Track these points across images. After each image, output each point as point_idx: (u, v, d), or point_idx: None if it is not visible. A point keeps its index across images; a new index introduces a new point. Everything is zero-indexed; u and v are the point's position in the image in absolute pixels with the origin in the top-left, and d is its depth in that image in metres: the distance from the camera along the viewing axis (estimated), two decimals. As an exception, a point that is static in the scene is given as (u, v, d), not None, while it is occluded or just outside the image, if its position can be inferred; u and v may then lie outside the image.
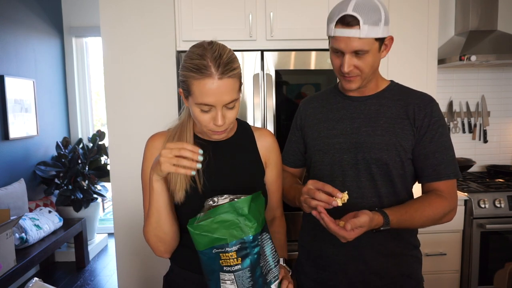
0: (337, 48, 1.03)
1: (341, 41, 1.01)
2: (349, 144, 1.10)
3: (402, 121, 1.07)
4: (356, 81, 1.06)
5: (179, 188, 0.98)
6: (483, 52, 2.29)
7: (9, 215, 2.38)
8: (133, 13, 2.03)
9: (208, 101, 0.89)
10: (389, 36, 1.06)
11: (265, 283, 0.89)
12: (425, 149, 1.06)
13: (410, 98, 1.10)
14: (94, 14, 3.81)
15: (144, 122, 2.05)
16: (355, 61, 1.02)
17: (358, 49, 1.00)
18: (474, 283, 2.14)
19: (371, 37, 0.99)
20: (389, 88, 1.14)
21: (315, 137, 1.17)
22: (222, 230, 0.83)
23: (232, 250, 0.83)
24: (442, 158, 1.06)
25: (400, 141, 1.06)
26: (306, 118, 1.22)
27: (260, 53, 1.99)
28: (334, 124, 1.14)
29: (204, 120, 0.94)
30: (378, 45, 1.03)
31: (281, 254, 1.11)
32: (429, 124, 1.06)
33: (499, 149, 2.74)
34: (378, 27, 0.99)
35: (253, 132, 1.13)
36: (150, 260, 2.11)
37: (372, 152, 1.07)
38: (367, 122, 1.10)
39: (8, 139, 3.00)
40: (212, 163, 1.03)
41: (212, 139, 1.02)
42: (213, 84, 0.88)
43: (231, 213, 0.84)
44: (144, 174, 1.03)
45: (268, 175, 1.13)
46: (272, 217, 1.19)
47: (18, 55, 3.17)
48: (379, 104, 1.11)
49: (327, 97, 1.21)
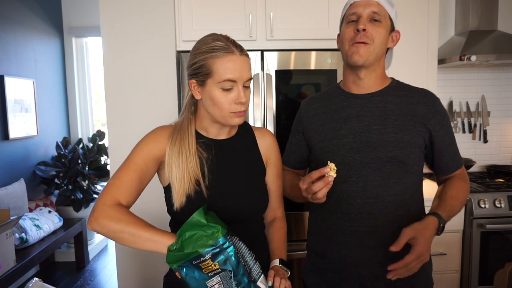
0: (355, 12, 1.06)
1: (360, 4, 1.06)
2: (360, 143, 1.08)
3: (412, 118, 1.08)
4: (364, 51, 1.05)
5: (182, 193, 0.97)
6: (483, 52, 2.29)
7: (9, 215, 2.38)
8: (133, 13, 2.03)
9: (233, 76, 0.94)
10: (397, 30, 1.11)
11: (250, 281, 0.90)
12: (444, 143, 1.11)
13: (415, 96, 1.11)
14: (94, 14, 3.81)
15: (144, 122, 2.05)
16: (369, 26, 1.05)
17: (375, 10, 1.05)
18: (474, 283, 2.13)
19: (386, 9, 1.06)
20: (392, 85, 1.14)
21: (321, 139, 1.14)
22: (191, 244, 0.86)
23: (207, 258, 0.86)
24: (455, 148, 1.15)
25: (413, 138, 1.07)
26: (308, 120, 1.19)
27: (260, 53, 1.99)
28: (341, 124, 1.11)
29: (226, 101, 0.96)
30: (390, 25, 1.08)
31: (279, 254, 1.10)
32: (440, 121, 1.10)
33: (499, 149, 2.74)
34: (392, 8, 1.08)
35: (253, 132, 1.13)
36: (150, 260, 2.11)
37: (387, 150, 1.06)
38: (376, 120, 1.08)
39: (8, 139, 3.00)
40: (215, 161, 1.03)
41: (233, 124, 1.01)
42: (236, 60, 0.95)
43: (193, 229, 0.87)
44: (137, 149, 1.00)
45: (268, 175, 1.13)
46: (273, 217, 1.18)
47: (18, 55, 3.17)
48: (385, 101, 1.10)
49: (329, 97, 1.19)
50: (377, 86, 1.12)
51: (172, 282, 1.09)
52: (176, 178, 0.97)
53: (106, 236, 0.91)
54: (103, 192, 0.93)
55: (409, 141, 1.06)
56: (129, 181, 0.94)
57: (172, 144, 1.00)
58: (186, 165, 0.98)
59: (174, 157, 0.98)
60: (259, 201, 1.08)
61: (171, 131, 1.03)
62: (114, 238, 0.91)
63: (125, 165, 0.97)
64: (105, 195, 0.92)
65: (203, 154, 1.02)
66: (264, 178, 1.12)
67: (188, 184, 0.98)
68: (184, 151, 0.99)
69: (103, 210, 0.90)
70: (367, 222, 1.06)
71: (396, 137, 1.06)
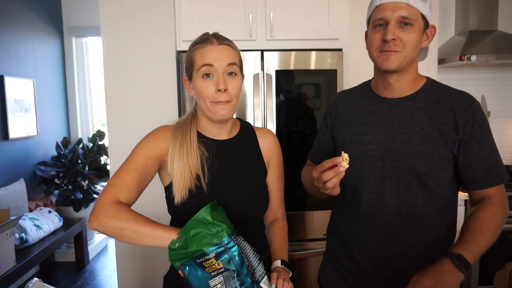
0: (382, 17, 0.97)
1: (387, 8, 0.96)
2: (382, 151, 1.03)
3: (441, 128, 0.99)
4: (396, 57, 0.97)
5: (183, 187, 0.98)
6: (483, 52, 2.29)
7: (9, 215, 2.37)
8: (133, 13, 2.03)
9: (208, 61, 0.96)
10: (432, 25, 1.01)
11: (254, 282, 0.90)
12: (475, 155, 0.99)
13: (449, 101, 1.02)
14: (94, 14, 3.81)
15: (144, 122, 2.05)
16: (399, 32, 0.95)
17: (405, 15, 0.94)
18: (474, 283, 2.13)
19: (419, 8, 0.95)
20: (426, 88, 1.05)
21: (347, 142, 1.09)
22: (195, 243, 0.85)
23: (211, 257, 0.85)
24: (492, 162, 1.01)
25: (438, 149, 0.99)
26: (336, 119, 1.15)
27: (260, 53, 1.99)
28: (367, 129, 1.06)
29: (206, 89, 0.97)
30: (423, 25, 0.98)
31: (280, 255, 1.10)
32: (473, 129, 0.98)
33: (499, 149, 2.73)
34: (425, 4, 0.96)
35: (255, 132, 1.13)
36: (150, 260, 2.11)
37: (406, 161, 1.00)
38: (402, 128, 1.02)
39: (8, 139, 3.00)
40: (215, 161, 1.03)
41: (218, 117, 0.99)
42: (213, 48, 0.98)
43: (198, 226, 0.86)
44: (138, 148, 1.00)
45: (269, 175, 1.13)
46: (273, 218, 1.18)
47: (18, 55, 3.17)
48: (415, 107, 1.02)
49: (359, 97, 1.12)
50: (409, 90, 1.05)
51: (172, 282, 1.08)
52: (177, 172, 0.98)
53: (107, 234, 0.91)
54: (103, 191, 0.93)
55: (433, 152, 0.99)
56: (129, 180, 0.94)
57: (175, 139, 1.01)
58: (187, 159, 0.99)
59: (176, 152, 0.99)
60: (259, 202, 1.08)
61: (174, 129, 1.03)
62: (115, 236, 0.90)
63: (125, 164, 0.97)
64: (105, 194, 0.92)
65: (204, 153, 1.02)
66: (265, 179, 1.12)
67: (189, 178, 0.98)
68: (185, 146, 1.00)
69: (103, 208, 0.89)
70: (383, 230, 1.04)
71: (419, 148, 0.99)
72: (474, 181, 1.02)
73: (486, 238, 0.95)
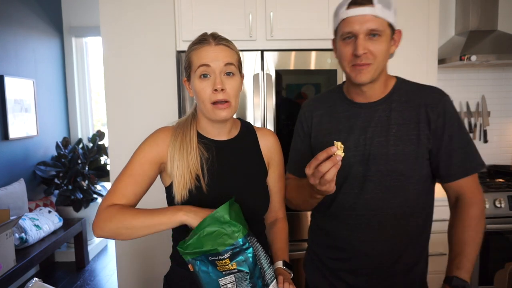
0: (350, 31, 0.96)
1: (355, 21, 0.95)
2: (363, 156, 1.04)
3: (415, 126, 1.02)
4: (368, 71, 0.98)
5: (183, 187, 0.98)
6: (483, 52, 2.29)
7: (9, 215, 2.37)
8: (133, 13, 2.03)
9: (205, 61, 0.96)
10: (398, 30, 1.01)
11: (264, 285, 0.89)
12: (447, 148, 1.02)
13: (419, 99, 1.04)
14: (94, 14, 3.81)
15: (144, 122, 2.05)
16: (369, 45, 0.96)
17: (373, 27, 0.95)
18: (474, 283, 2.14)
19: (385, 18, 0.95)
20: (397, 88, 1.07)
21: None
22: (210, 242, 0.84)
23: (225, 257, 0.84)
24: (466, 152, 1.02)
25: (415, 148, 1.02)
26: (313, 127, 1.15)
27: (260, 53, 1.99)
28: (346, 136, 1.07)
29: (203, 89, 0.97)
30: (390, 32, 0.99)
31: (282, 256, 1.10)
32: (444, 122, 1.01)
33: (499, 149, 2.74)
34: (390, 11, 0.97)
35: (255, 132, 1.13)
36: (150, 260, 2.11)
37: (387, 164, 1.02)
38: (379, 132, 1.04)
39: (8, 139, 3.00)
40: (215, 162, 1.03)
41: (217, 118, 0.99)
42: (210, 48, 0.98)
43: (214, 224, 0.85)
44: (138, 154, 1.00)
45: (270, 176, 1.13)
46: (274, 218, 1.18)
47: (18, 55, 3.17)
48: (389, 109, 1.04)
49: (333, 104, 1.13)
50: (381, 93, 1.07)
51: (173, 282, 1.08)
52: (177, 173, 0.98)
53: (112, 238, 0.95)
54: (102, 200, 0.97)
55: (410, 152, 1.02)
56: (124, 186, 0.98)
57: (175, 139, 1.01)
58: (187, 159, 0.99)
59: (176, 152, 1.00)
60: (259, 202, 1.08)
61: (174, 130, 1.04)
62: (117, 237, 0.94)
63: (122, 172, 1.01)
64: (102, 202, 0.97)
65: (204, 154, 1.02)
66: (265, 179, 1.12)
67: (189, 178, 0.98)
68: (185, 146, 1.00)
69: (98, 214, 0.94)
70: (366, 231, 1.07)
71: (397, 150, 1.02)
72: (447, 173, 1.04)
73: (473, 248, 1.00)
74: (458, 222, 1.03)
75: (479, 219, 1.02)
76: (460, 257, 0.99)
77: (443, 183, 1.08)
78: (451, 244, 1.04)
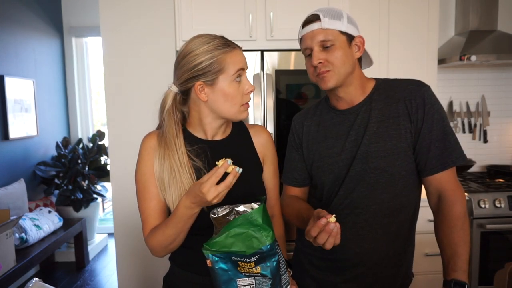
0: (306, 47, 1.06)
1: (307, 37, 1.06)
2: (350, 159, 1.08)
3: (395, 121, 1.04)
4: (329, 77, 1.04)
5: (179, 194, 0.96)
6: (483, 52, 2.29)
7: (9, 215, 2.38)
8: (133, 13, 2.03)
9: (243, 65, 1.00)
10: (358, 35, 1.07)
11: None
12: (426, 140, 1.02)
13: (398, 93, 1.06)
14: (94, 14, 3.81)
15: (144, 122, 2.05)
16: (323, 55, 1.03)
17: (322, 39, 1.03)
18: (474, 283, 2.14)
19: (334, 28, 1.03)
20: (376, 89, 1.10)
21: (317, 158, 1.14)
22: (239, 243, 0.83)
23: (251, 261, 0.83)
24: (445, 145, 1.02)
25: (396, 143, 1.03)
26: (303, 138, 1.19)
27: (260, 53, 1.99)
28: (333, 142, 1.11)
29: (239, 93, 0.99)
30: (345, 40, 1.04)
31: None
32: (423, 115, 1.02)
33: (499, 149, 2.74)
34: (340, 21, 1.04)
35: (248, 130, 1.13)
36: (150, 260, 2.11)
37: (370, 161, 1.05)
38: (362, 132, 1.07)
39: (8, 139, 3.00)
40: (211, 163, 1.02)
41: (242, 118, 1.03)
42: (241, 52, 1.01)
43: (245, 225, 0.83)
44: (140, 174, 1.01)
45: (265, 172, 1.13)
46: (270, 214, 1.17)
47: (18, 55, 3.17)
48: (369, 109, 1.08)
49: (320, 113, 1.18)
50: (360, 96, 1.10)
51: (172, 283, 1.09)
52: (173, 196, 0.97)
53: (170, 252, 1.02)
54: (143, 234, 1.02)
55: (391, 148, 1.03)
56: (149, 211, 1.00)
57: (160, 161, 0.99)
58: (181, 181, 0.97)
59: (166, 175, 0.97)
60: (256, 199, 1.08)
61: (157, 141, 1.02)
62: (171, 249, 1.00)
63: (140, 197, 1.02)
64: (144, 235, 1.01)
65: (198, 163, 1.00)
66: (261, 176, 1.12)
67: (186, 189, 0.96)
68: (175, 167, 0.97)
69: (147, 243, 1.00)
70: (353, 230, 1.08)
71: (378, 147, 1.04)
72: (427, 166, 1.04)
73: (464, 248, 0.99)
74: (444, 223, 1.03)
75: (464, 217, 1.02)
76: (454, 259, 0.99)
77: (423, 177, 1.07)
78: (441, 246, 1.03)
